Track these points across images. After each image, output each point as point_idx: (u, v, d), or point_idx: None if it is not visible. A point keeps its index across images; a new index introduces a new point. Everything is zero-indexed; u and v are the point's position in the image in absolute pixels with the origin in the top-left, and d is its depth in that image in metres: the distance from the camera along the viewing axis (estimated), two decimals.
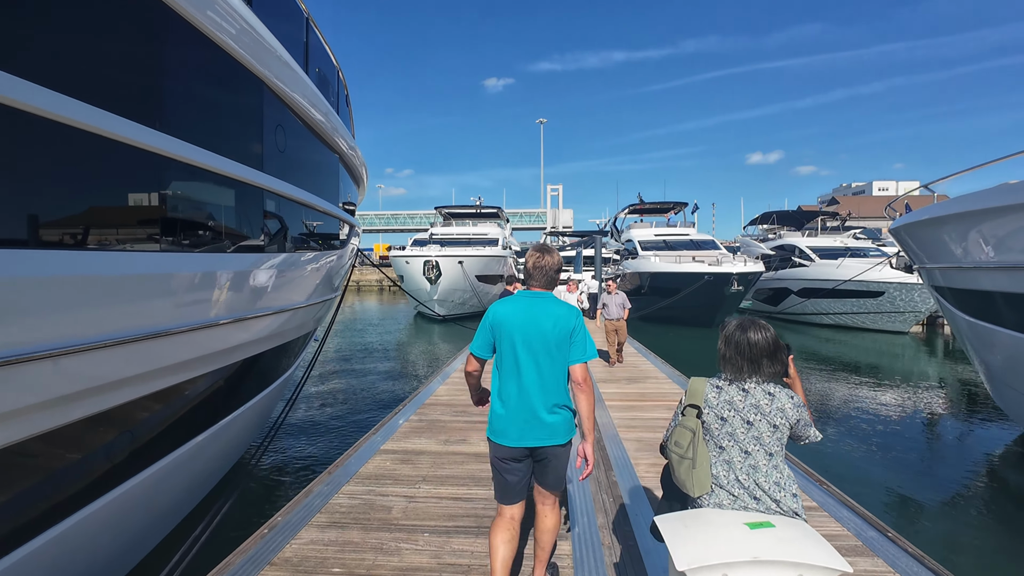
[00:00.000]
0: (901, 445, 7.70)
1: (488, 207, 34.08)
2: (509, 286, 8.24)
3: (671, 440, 2.07)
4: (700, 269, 19.37)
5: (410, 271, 22.68)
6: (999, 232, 5.88)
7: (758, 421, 1.93)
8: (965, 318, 6.94)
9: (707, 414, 2.00)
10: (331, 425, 8.07)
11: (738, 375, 2.01)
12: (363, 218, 68.04)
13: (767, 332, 2.00)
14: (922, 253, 7.82)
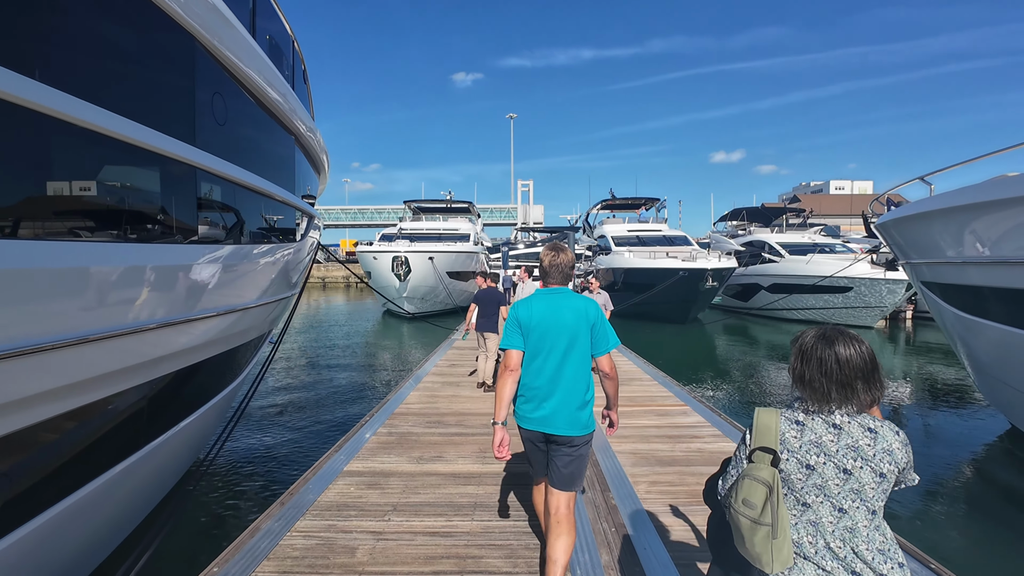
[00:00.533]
0: None
1: (459, 202, 33.36)
2: (485, 281, 7.68)
3: (736, 496, 1.51)
4: (674, 265, 19.21)
5: (378, 267, 21.77)
6: (998, 227, 5.65)
7: (858, 468, 1.41)
8: (954, 312, 6.75)
9: (787, 461, 1.47)
10: (286, 441, 7.20)
11: (823, 404, 1.49)
12: (328, 213, 65.99)
13: (861, 345, 1.49)
14: (910, 248, 7.63)
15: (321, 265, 58.41)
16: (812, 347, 1.51)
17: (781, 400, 9.99)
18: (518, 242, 53.69)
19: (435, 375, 8.29)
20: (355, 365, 13.19)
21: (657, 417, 5.95)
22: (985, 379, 7.19)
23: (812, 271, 20.29)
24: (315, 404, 9.35)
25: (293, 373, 12.02)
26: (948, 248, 6.32)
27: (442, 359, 9.72)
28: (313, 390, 10.43)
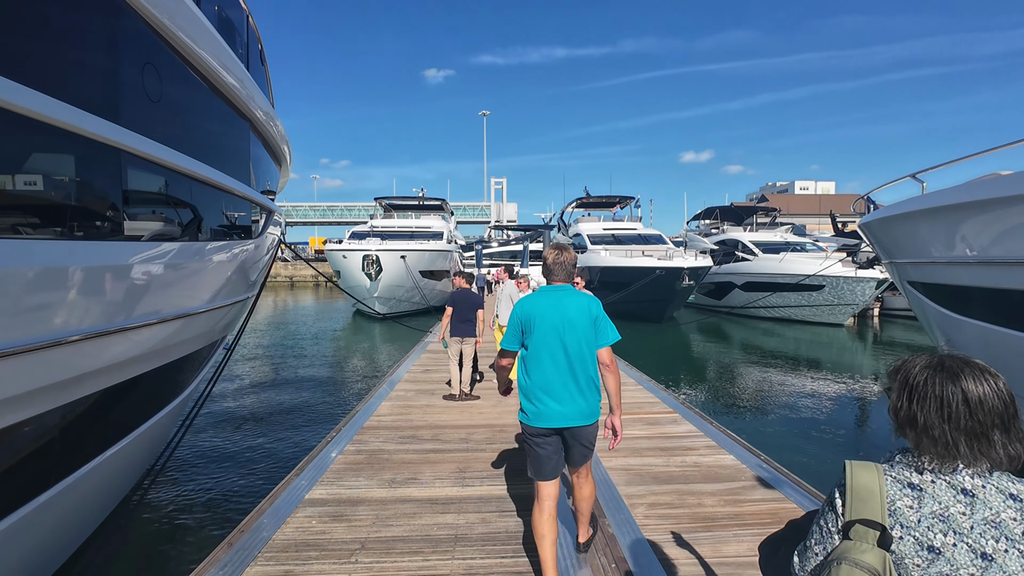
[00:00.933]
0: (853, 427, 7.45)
1: (432, 199, 32.65)
2: (460, 280, 7.21)
3: None
4: (651, 263, 19.10)
5: (348, 266, 21.00)
6: (987, 226, 5.50)
7: (1002, 552, 1.02)
8: (941, 311, 6.62)
9: (903, 541, 1.07)
10: (242, 463, 6.51)
11: (946, 461, 1.09)
12: (296, 210, 64.16)
13: (996, 380, 1.10)
14: (894, 248, 7.50)
15: (289, 264, 56.75)
16: (927, 382, 1.11)
17: (769, 404, 9.86)
18: (492, 240, 53.21)
19: (408, 382, 7.78)
20: (322, 372, 12.45)
21: (647, 426, 5.60)
22: None
23: (786, 269, 20.49)
24: (277, 417, 8.64)
25: (254, 381, 11.26)
26: (935, 248, 6.17)
27: (415, 364, 9.20)
28: (275, 401, 9.72)
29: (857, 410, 9.83)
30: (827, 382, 11.60)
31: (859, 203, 9.00)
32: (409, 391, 7.21)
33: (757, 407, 9.85)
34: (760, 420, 9.06)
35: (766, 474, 4.24)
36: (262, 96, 5.55)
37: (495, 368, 2.95)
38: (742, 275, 22.93)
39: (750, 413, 9.50)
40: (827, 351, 15.90)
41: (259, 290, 6.03)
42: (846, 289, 18.87)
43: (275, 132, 6.06)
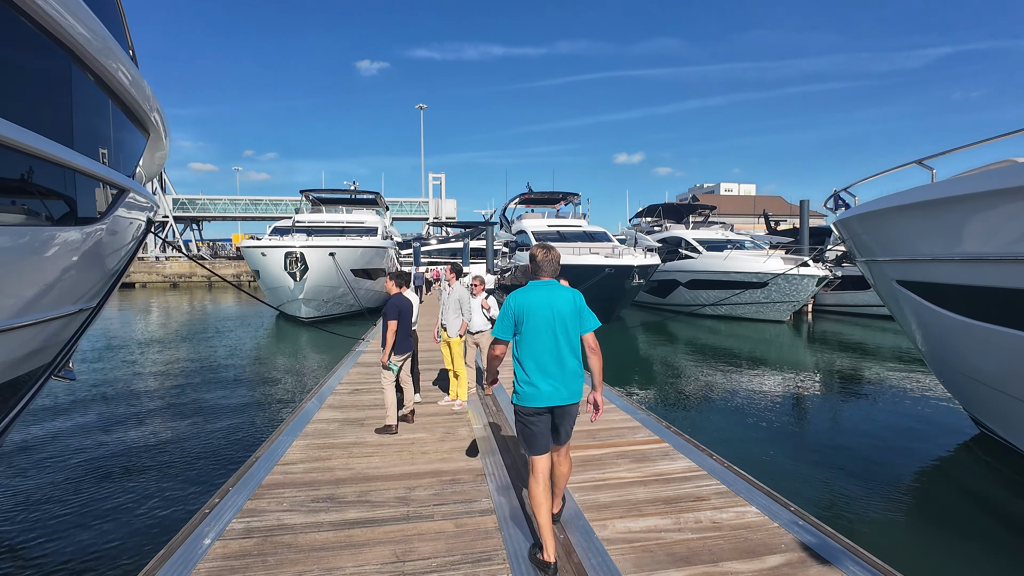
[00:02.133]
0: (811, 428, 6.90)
1: (365, 192, 30.46)
2: (394, 283, 5.82)
3: None
4: (600, 261, 18.33)
5: (267, 265, 18.71)
6: (1005, 219, 4.83)
7: None
8: (951, 317, 6.01)
9: None
10: (82, 546, 4.57)
11: None
12: (214, 203, 59.01)
13: None
14: (880, 244, 6.89)
15: (207, 262, 51.94)
16: None
17: (730, 406, 9.13)
18: (430, 237, 51.24)
19: (332, 409, 6.26)
20: (225, 397, 9.95)
21: (637, 465, 4.48)
22: (963, 383, 6.63)
23: (730, 267, 20.45)
24: (143, 471, 6.33)
25: (129, 416, 8.99)
26: (943, 243, 5.49)
27: (342, 382, 7.66)
28: (148, 445, 7.25)
29: (818, 405, 9.35)
30: (783, 378, 11.19)
31: (835, 198, 8.44)
32: (332, 423, 5.71)
33: (719, 409, 9.16)
34: (724, 423, 8.35)
35: (811, 538, 3.21)
36: (115, 43, 3.89)
37: (487, 359, 3.20)
38: (686, 273, 22.79)
39: (715, 416, 8.79)
40: (776, 348, 15.77)
41: (105, 294, 4.28)
42: (789, 286, 19.02)
43: (135, 91, 4.38)
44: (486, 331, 6.87)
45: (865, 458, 6.87)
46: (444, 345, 6.46)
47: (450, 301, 6.35)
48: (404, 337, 5.61)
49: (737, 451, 6.85)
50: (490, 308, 6.82)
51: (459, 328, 6.30)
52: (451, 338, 6.31)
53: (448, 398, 6.54)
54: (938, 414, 8.89)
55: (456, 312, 6.31)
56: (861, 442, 7.48)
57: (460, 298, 6.31)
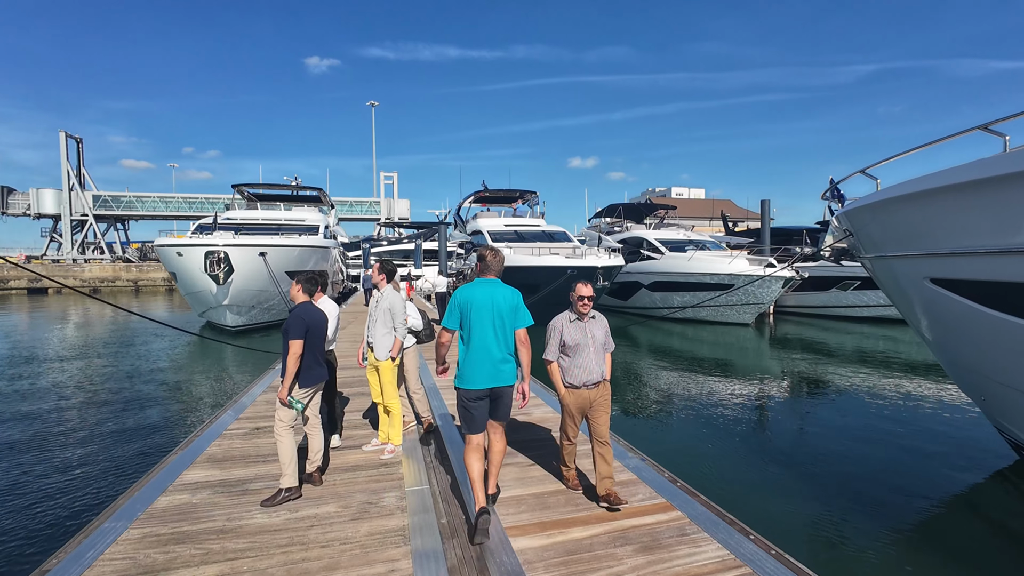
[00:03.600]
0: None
1: (307, 187, 28.09)
2: (301, 287, 4.17)
3: None
4: (561, 262, 17.03)
5: (185, 266, 16.30)
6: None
7: None
8: (994, 316, 4.91)
9: None
10: None
11: None
12: (141, 201, 54.24)
13: None
14: (903, 237, 5.77)
15: (133, 266, 47.36)
16: None
17: (718, 419, 7.92)
18: (382, 238, 48.82)
19: (210, 464, 4.49)
20: (86, 438, 7.63)
21: (645, 556, 3.01)
22: (966, 375, 5.63)
23: (695, 268, 19.62)
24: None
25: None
26: (1000, 233, 4.35)
27: (241, 417, 5.85)
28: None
29: (803, 420, 8.29)
30: (760, 388, 10.16)
31: (834, 193, 7.36)
32: (203, 488, 3.97)
33: (692, 425, 7.94)
34: (699, 443, 7.15)
35: None
36: None
37: (436, 346, 3.53)
38: (649, 274, 21.85)
39: (688, 434, 7.59)
40: (746, 353, 14.91)
41: None
42: (754, 289, 18.34)
43: None
44: (411, 348, 5.32)
45: (874, 479, 5.75)
46: (371, 371, 4.82)
47: (379, 311, 4.73)
48: (314, 362, 3.98)
49: (716, 475, 6.20)
50: (408, 318, 5.22)
51: (391, 348, 4.69)
52: (380, 361, 4.68)
53: (377, 441, 4.90)
54: (953, 424, 8.01)
55: (387, 326, 4.70)
56: (867, 460, 6.37)
57: (392, 307, 4.70)
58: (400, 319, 4.71)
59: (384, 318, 4.70)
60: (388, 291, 4.78)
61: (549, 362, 3.66)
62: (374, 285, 4.89)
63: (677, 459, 6.38)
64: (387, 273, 4.80)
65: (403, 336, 4.72)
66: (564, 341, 3.66)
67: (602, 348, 3.73)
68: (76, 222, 51.51)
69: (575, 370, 3.64)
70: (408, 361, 5.36)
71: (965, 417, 8.50)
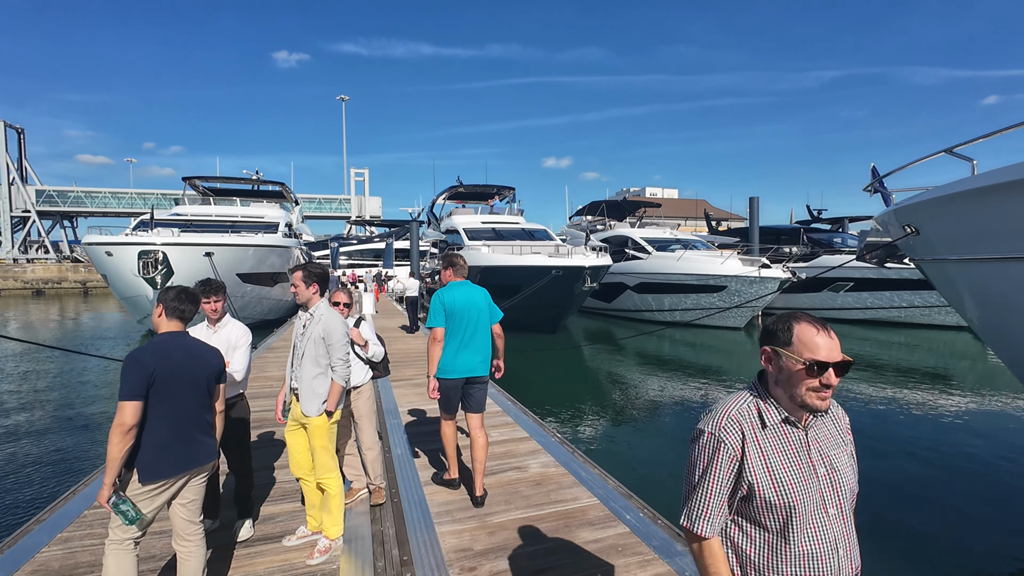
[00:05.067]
0: None
1: (269, 182, 26.01)
2: (163, 309, 2.59)
3: None
4: (545, 262, 15.62)
5: (116, 269, 14.28)
6: None
7: None
8: None
9: None
10: None
11: None
12: (92, 197, 50.75)
13: None
14: (987, 235, 4.53)
15: (82, 266, 43.99)
16: None
17: None
18: (352, 237, 46.66)
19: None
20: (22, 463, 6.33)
21: None
22: None
23: (684, 268, 18.47)
24: None
25: None
26: None
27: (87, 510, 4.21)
28: None
29: None
30: None
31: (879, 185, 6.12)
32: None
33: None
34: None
35: None
36: None
37: (429, 348, 3.74)
38: (635, 275, 20.64)
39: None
40: (746, 361, 13.78)
41: None
42: (748, 289, 17.29)
43: None
44: (365, 385, 3.92)
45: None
46: (295, 431, 3.28)
47: (307, 342, 3.19)
48: (175, 437, 2.39)
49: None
50: (367, 344, 3.86)
51: (327, 397, 3.17)
52: (309, 418, 3.15)
53: (306, 530, 3.35)
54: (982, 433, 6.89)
55: (320, 364, 3.17)
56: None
57: (328, 334, 3.17)
58: (340, 352, 3.19)
59: (315, 351, 3.17)
60: (322, 310, 3.25)
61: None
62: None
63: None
64: (317, 282, 3.27)
65: (344, 378, 3.21)
66: None
67: None
68: (17, 219, 47.76)
69: None
70: (362, 404, 3.87)
71: (976, 424, 7.94)
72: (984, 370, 12.76)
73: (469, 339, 3.73)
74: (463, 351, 3.72)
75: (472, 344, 3.74)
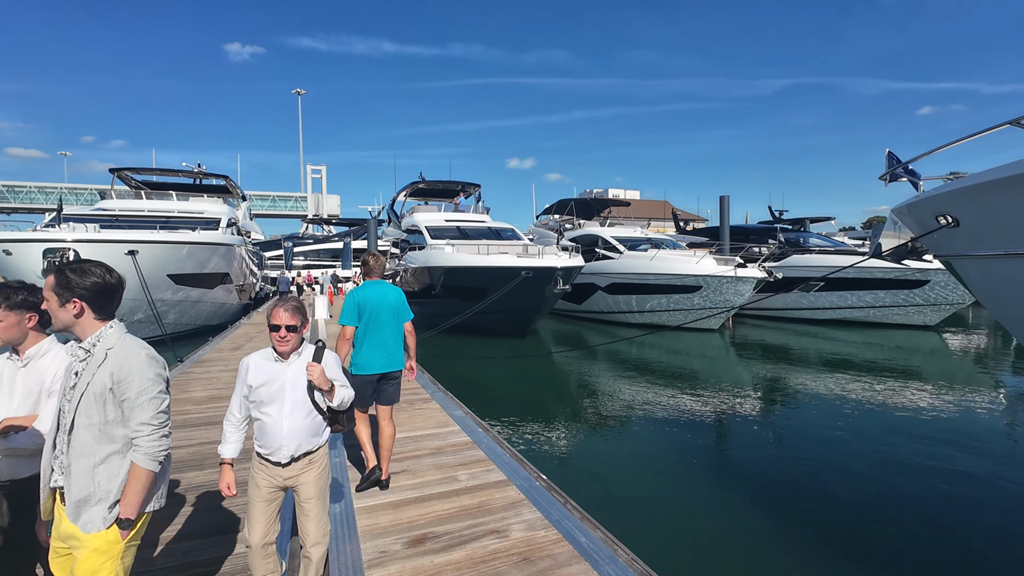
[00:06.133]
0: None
1: (212, 175, 23.94)
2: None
3: None
4: (514, 262, 14.52)
5: (17, 269, 12.27)
6: None
7: None
8: None
9: None
10: None
11: None
12: (16, 192, 46.41)
13: None
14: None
15: None
16: None
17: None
18: (308, 236, 44.34)
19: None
20: None
21: None
22: None
23: (658, 268, 17.74)
24: None
25: None
26: None
27: None
28: None
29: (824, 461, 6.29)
30: (757, 414, 8.18)
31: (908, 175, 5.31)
32: None
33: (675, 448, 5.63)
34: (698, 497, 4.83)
35: None
36: None
37: (339, 344, 3.85)
38: (606, 275, 19.81)
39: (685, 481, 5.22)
40: (723, 366, 13.08)
41: None
42: (725, 290, 16.70)
43: None
44: (320, 450, 2.64)
45: None
46: (57, 560, 1.93)
47: (77, 400, 1.86)
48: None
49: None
50: (332, 387, 2.55)
51: (118, 495, 1.88)
52: (87, 536, 1.82)
53: None
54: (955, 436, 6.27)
55: (101, 437, 1.86)
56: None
57: (119, 380, 1.84)
58: (147, 412, 1.88)
59: (99, 415, 1.86)
60: (110, 340, 1.95)
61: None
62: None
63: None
64: (83, 297, 1.95)
65: (156, 458, 1.89)
66: None
67: None
68: None
69: None
70: (313, 480, 2.56)
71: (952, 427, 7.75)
72: (953, 368, 12.50)
73: (383, 337, 3.92)
74: (378, 349, 3.91)
75: (386, 342, 3.93)
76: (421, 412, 6.13)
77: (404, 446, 4.96)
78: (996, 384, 11.12)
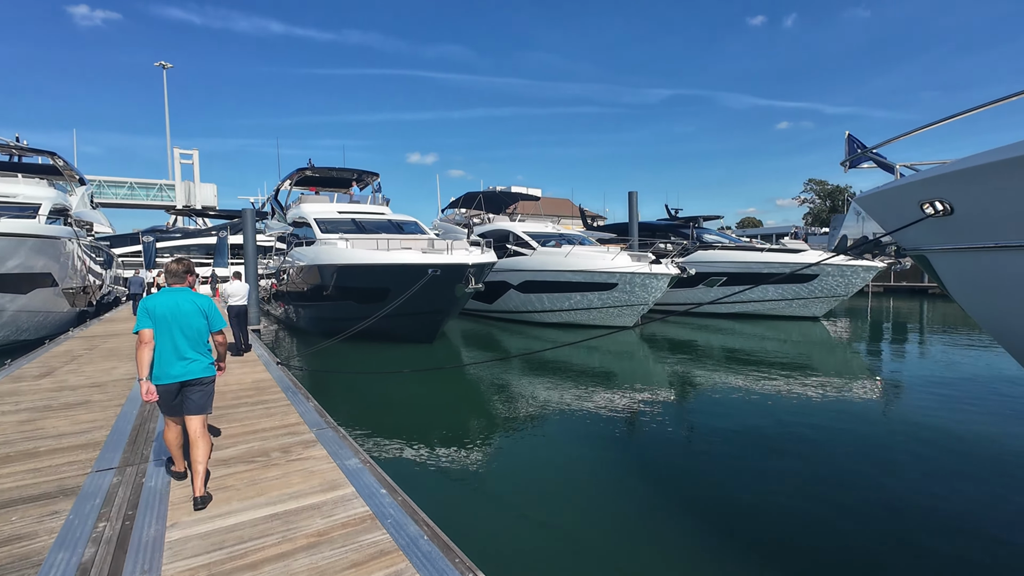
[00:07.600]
0: None
1: (36, 151, 19.38)
2: None
3: None
4: (419, 259, 12.84)
5: None
6: None
7: None
8: None
9: None
10: None
11: None
12: None
13: None
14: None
15: None
16: None
17: None
18: (175, 230, 38.46)
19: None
20: None
21: None
22: None
23: (573, 265, 17.00)
24: None
25: None
26: None
27: None
28: None
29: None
30: (700, 412, 7.54)
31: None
32: None
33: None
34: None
35: None
36: None
37: (137, 350, 3.72)
38: (519, 273, 18.77)
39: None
40: (634, 358, 12.55)
41: None
42: (640, 286, 16.36)
43: None
44: None
45: None
46: None
47: None
48: None
49: None
50: None
51: None
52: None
53: None
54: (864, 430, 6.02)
55: None
56: None
57: None
58: None
59: None
60: None
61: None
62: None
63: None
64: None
65: None
66: None
67: None
68: None
69: None
70: None
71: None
72: (842, 357, 13.10)
73: (179, 346, 3.80)
74: (172, 357, 3.79)
75: (185, 352, 3.82)
76: (299, 465, 4.41)
77: (268, 533, 3.27)
78: (871, 369, 11.83)
